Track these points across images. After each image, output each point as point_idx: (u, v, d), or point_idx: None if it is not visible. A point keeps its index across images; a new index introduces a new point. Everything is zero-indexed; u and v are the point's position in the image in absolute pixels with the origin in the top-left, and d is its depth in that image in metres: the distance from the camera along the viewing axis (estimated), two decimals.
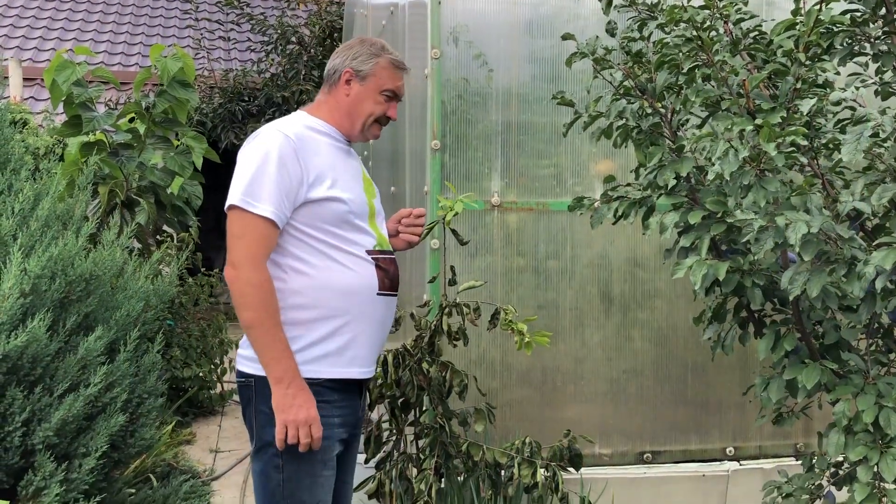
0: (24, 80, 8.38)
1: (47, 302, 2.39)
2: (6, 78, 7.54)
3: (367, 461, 3.04)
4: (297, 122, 2.14)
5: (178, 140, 4.74)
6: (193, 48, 9.30)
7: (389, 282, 2.14)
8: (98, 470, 2.42)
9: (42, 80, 8.49)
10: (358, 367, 2.11)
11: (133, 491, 2.93)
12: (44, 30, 10.72)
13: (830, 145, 2.18)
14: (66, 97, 4.37)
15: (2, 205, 2.48)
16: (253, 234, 1.96)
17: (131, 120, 4.69)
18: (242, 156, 2.04)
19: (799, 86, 1.98)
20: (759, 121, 1.86)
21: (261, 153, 2.00)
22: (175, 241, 5.41)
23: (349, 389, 2.12)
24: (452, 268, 2.99)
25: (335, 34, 8.28)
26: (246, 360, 2.08)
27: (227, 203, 2.02)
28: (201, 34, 10.00)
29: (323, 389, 2.05)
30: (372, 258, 2.11)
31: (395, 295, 2.20)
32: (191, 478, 3.15)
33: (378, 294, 2.10)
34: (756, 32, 2.16)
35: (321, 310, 2.03)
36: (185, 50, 5.21)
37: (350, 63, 2.19)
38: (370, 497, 3.01)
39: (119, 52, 10.37)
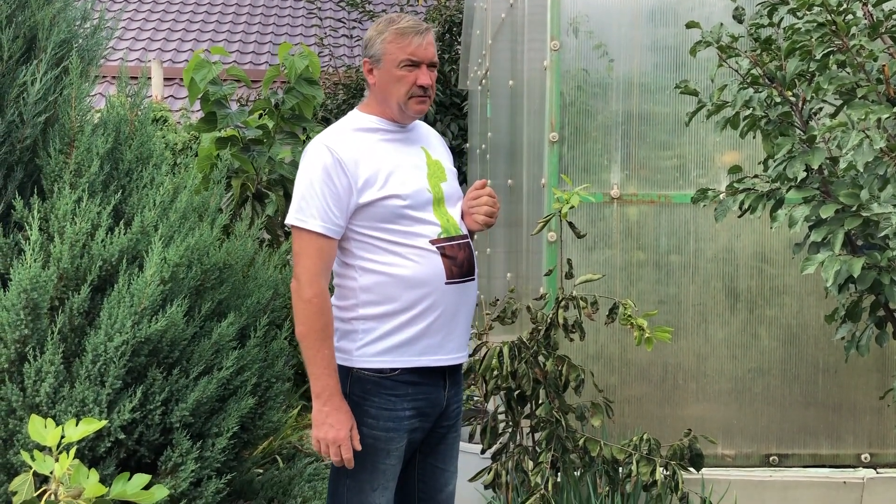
0: (164, 79, 8.89)
1: (184, 289, 2.54)
2: (149, 78, 8.03)
3: (483, 451, 3.07)
4: (346, 127, 2.17)
5: (306, 135, 4.91)
6: (319, 46, 9.60)
7: (458, 269, 2.12)
8: (229, 449, 2.56)
9: (180, 79, 9.00)
10: (432, 356, 2.12)
11: (261, 471, 3.08)
12: (182, 32, 11.34)
13: None
14: (202, 95, 4.61)
15: (145, 197, 2.66)
16: (307, 249, 2.06)
17: (261, 116, 4.90)
18: (297, 174, 2.14)
19: None
20: None
21: (306, 171, 2.09)
22: None
23: (429, 379, 2.14)
24: (569, 261, 2.97)
25: (454, 28, 8.33)
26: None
27: (286, 222, 2.13)
28: (325, 32, 10.30)
29: (393, 382, 2.10)
30: (437, 247, 2.10)
31: (471, 279, 2.17)
32: (315, 461, 3.27)
33: (447, 283, 2.10)
34: None
35: (390, 304, 2.08)
36: (310, 48, 5.39)
37: (364, 53, 2.20)
38: (486, 487, 3.04)
39: (250, 52, 10.84)
